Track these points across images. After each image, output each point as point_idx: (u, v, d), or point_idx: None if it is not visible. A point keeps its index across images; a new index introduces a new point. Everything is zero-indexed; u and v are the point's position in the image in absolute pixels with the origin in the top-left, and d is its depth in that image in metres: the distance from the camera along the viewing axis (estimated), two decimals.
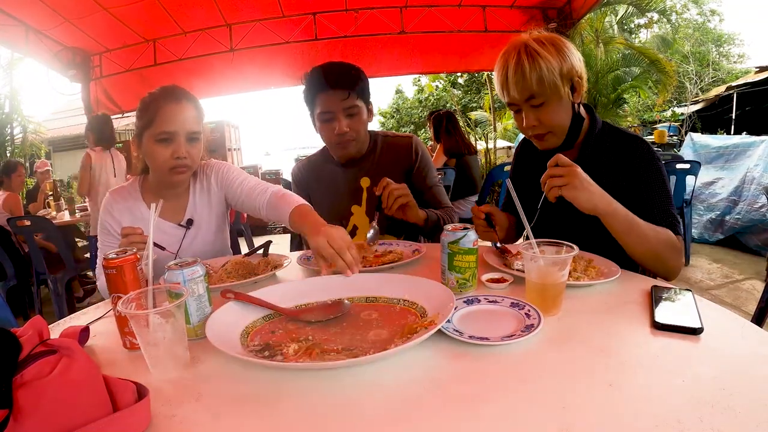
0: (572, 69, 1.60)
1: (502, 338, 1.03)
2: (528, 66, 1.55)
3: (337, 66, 2.12)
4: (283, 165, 13.92)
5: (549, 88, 1.57)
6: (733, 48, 29.03)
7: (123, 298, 1.04)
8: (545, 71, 1.55)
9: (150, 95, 1.83)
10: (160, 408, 0.87)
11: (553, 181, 1.40)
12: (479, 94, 22.42)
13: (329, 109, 2.08)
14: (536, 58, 1.56)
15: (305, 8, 6.68)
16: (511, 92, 1.62)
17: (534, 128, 1.67)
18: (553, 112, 1.63)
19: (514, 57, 1.59)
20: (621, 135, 1.73)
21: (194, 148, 1.83)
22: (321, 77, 2.07)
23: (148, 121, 1.78)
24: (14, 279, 4.78)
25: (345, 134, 2.11)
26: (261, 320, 1.22)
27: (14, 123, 13.92)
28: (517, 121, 1.73)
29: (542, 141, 1.72)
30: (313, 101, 2.13)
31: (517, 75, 1.58)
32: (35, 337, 0.81)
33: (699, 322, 1.05)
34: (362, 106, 2.13)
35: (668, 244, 1.50)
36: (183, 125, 1.78)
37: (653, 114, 18.94)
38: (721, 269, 5.24)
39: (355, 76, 2.10)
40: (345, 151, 2.20)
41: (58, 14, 5.67)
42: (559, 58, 1.57)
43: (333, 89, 2.05)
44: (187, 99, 1.82)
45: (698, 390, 0.82)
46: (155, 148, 1.79)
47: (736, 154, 6.21)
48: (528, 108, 1.64)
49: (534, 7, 6.86)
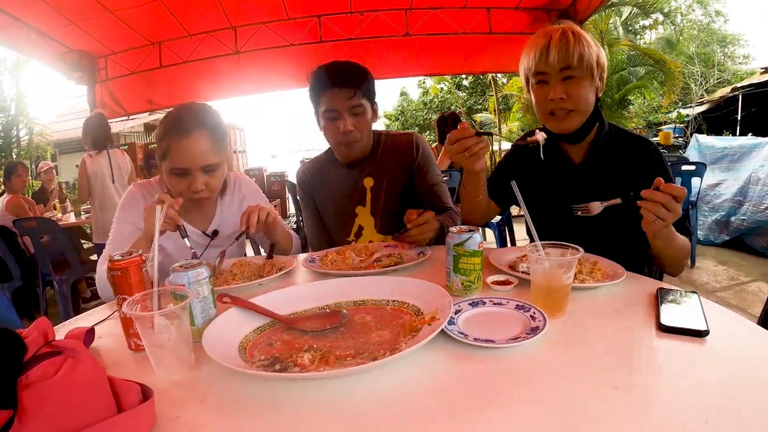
0: (604, 63, 1.69)
1: (507, 341, 1.03)
2: (572, 40, 1.61)
3: (343, 65, 2.12)
4: (289, 167, 13.95)
5: (586, 67, 1.62)
6: (738, 49, 29.02)
7: (128, 299, 1.04)
8: (586, 51, 1.62)
9: (165, 122, 1.78)
10: (164, 409, 0.87)
11: (659, 210, 1.30)
12: (484, 96, 22.46)
13: (334, 107, 2.08)
14: (580, 37, 1.63)
15: (310, 11, 6.70)
16: (549, 58, 1.63)
17: (560, 101, 1.66)
18: (583, 88, 1.65)
19: (558, 31, 1.64)
20: (628, 137, 1.75)
21: (213, 178, 1.81)
22: (326, 75, 2.07)
23: (162, 153, 1.76)
24: (20, 280, 4.79)
25: (350, 133, 2.10)
26: (252, 334, 1.18)
27: (20, 125, 14.03)
28: (538, 96, 1.73)
29: (562, 119, 1.70)
30: (319, 99, 2.13)
31: (561, 44, 1.61)
32: (40, 338, 0.82)
33: (705, 324, 1.04)
34: (367, 106, 2.12)
35: (685, 251, 1.58)
36: (195, 161, 1.74)
37: (658, 115, 18.92)
38: (727, 271, 5.22)
39: (360, 75, 2.09)
40: (349, 151, 2.19)
41: (63, 17, 5.70)
42: (596, 48, 1.66)
43: (338, 87, 2.05)
44: (200, 128, 1.74)
45: (704, 393, 0.82)
46: (172, 180, 1.80)
47: (741, 155, 6.20)
48: (558, 80, 1.65)
49: (539, 8, 6.86)
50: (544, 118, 1.77)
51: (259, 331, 1.19)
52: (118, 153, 5.42)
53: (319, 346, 1.08)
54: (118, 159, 5.35)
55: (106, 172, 5.20)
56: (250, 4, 6.28)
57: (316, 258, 1.84)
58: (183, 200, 1.76)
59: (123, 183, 5.31)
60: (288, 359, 1.02)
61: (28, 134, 14.31)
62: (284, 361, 1.01)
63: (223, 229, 2.01)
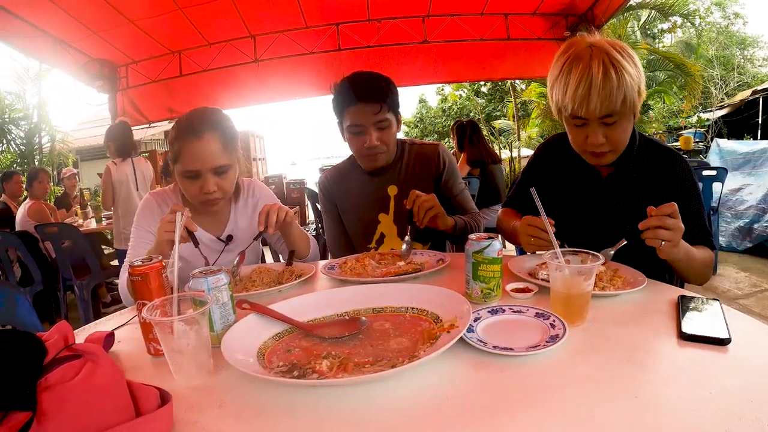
0: (643, 86, 1.51)
1: (527, 349, 1.02)
2: (616, 82, 1.43)
3: (368, 77, 2.11)
4: (309, 174, 14.01)
5: (629, 106, 1.48)
6: (757, 51, 28.63)
7: (148, 304, 1.05)
8: (629, 88, 1.44)
9: (176, 126, 1.80)
10: (182, 414, 0.88)
11: (660, 234, 1.29)
12: (503, 103, 22.42)
13: (360, 122, 2.07)
14: (621, 72, 1.43)
15: (328, 19, 6.76)
16: (591, 107, 1.47)
17: (600, 146, 1.56)
18: (624, 130, 1.55)
19: (599, 69, 1.43)
20: (658, 148, 1.69)
21: (224, 180, 1.82)
22: (351, 89, 2.05)
23: (174, 156, 1.78)
24: (41, 284, 4.85)
25: (375, 147, 2.11)
26: (271, 340, 1.18)
27: (42, 132, 14.27)
28: (576, 135, 1.62)
29: (600, 158, 1.63)
30: (342, 113, 2.12)
31: (605, 91, 1.43)
32: (60, 342, 0.82)
33: (727, 332, 1.03)
34: (392, 119, 2.12)
35: (708, 264, 1.55)
36: (206, 163, 1.75)
37: (678, 120, 18.73)
38: (749, 278, 5.14)
39: (385, 88, 2.08)
40: (374, 163, 2.20)
41: (85, 26, 5.81)
42: (636, 70, 1.47)
43: (364, 103, 2.04)
44: (210, 130, 1.76)
45: (726, 402, 0.80)
46: (184, 183, 1.82)
47: (763, 160, 6.10)
48: (598, 124, 1.53)
49: (556, 14, 6.84)
50: (580, 152, 1.68)
51: (278, 338, 1.20)
52: (141, 161, 5.47)
53: (337, 353, 1.08)
54: (142, 167, 5.40)
55: (130, 180, 5.24)
56: (269, 12, 6.34)
57: (335, 265, 1.84)
58: (197, 204, 1.85)
59: (147, 190, 5.34)
60: (306, 366, 1.02)
61: (50, 141, 14.56)
62: (303, 368, 1.01)
63: (238, 234, 2.01)
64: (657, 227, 1.29)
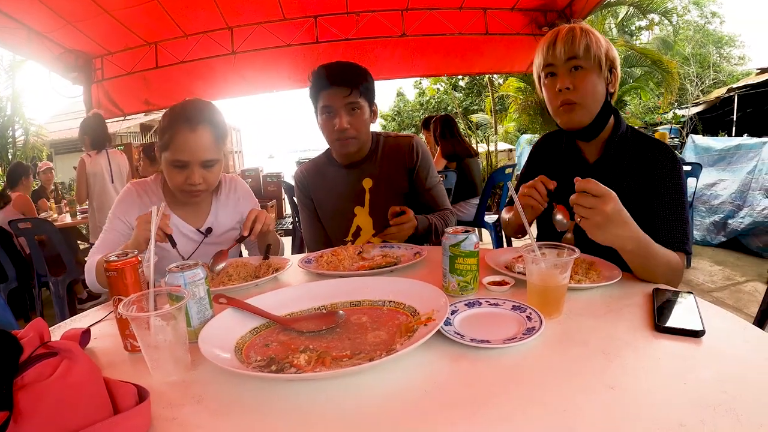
0: (615, 58, 1.68)
1: (504, 341, 1.03)
2: (579, 34, 1.62)
3: (343, 64, 2.14)
4: (286, 168, 13.92)
5: (593, 58, 1.62)
6: (733, 50, 29.08)
7: (124, 300, 1.04)
8: (593, 44, 1.61)
9: (170, 114, 1.82)
10: (161, 411, 0.87)
11: (577, 210, 1.29)
12: (480, 97, 22.53)
13: (330, 104, 2.09)
14: (587, 32, 1.63)
15: (306, 11, 6.70)
16: (556, 49, 1.63)
17: (566, 92, 1.65)
18: (590, 81, 1.63)
19: (566, 27, 1.66)
20: (645, 139, 1.71)
21: (210, 173, 1.85)
22: (325, 74, 2.08)
23: (165, 144, 1.79)
24: (15, 281, 4.77)
25: (345, 131, 2.11)
26: (249, 335, 1.17)
27: (16, 125, 13.99)
28: (548, 90, 1.72)
29: (569, 113, 1.67)
30: (317, 97, 2.13)
31: (567, 36, 1.62)
32: (36, 339, 0.81)
33: (701, 324, 1.05)
34: (364, 105, 2.13)
35: (672, 270, 1.45)
36: (196, 155, 1.78)
37: (654, 116, 18.96)
38: (723, 271, 5.24)
39: (359, 75, 2.11)
40: (346, 149, 2.19)
41: (60, 17, 5.69)
42: (605, 42, 1.66)
43: (336, 86, 2.06)
44: (204, 123, 1.79)
45: (700, 393, 0.82)
46: (170, 171, 1.83)
47: (738, 156, 6.21)
48: (566, 71, 1.65)
49: (535, 9, 6.88)
50: (554, 113, 1.75)
51: (256, 332, 1.19)
52: (116, 153, 5.39)
53: (315, 347, 1.08)
54: (118, 159, 5.33)
55: (105, 173, 5.17)
56: (247, 4, 6.28)
57: (312, 259, 1.84)
58: (179, 193, 1.89)
59: (122, 183, 5.27)
60: (284, 360, 1.02)
61: (24, 134, 14.28)
62: (280, 362, 1.01)
63: (217, 228, 2.03)
64: (576, 203, 1.28)
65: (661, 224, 1.54)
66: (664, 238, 1.48)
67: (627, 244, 1.33)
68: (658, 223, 1.54)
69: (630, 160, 1.68)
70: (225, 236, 2.06)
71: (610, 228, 1.27)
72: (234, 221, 2.09)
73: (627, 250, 1.35)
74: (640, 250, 1.35)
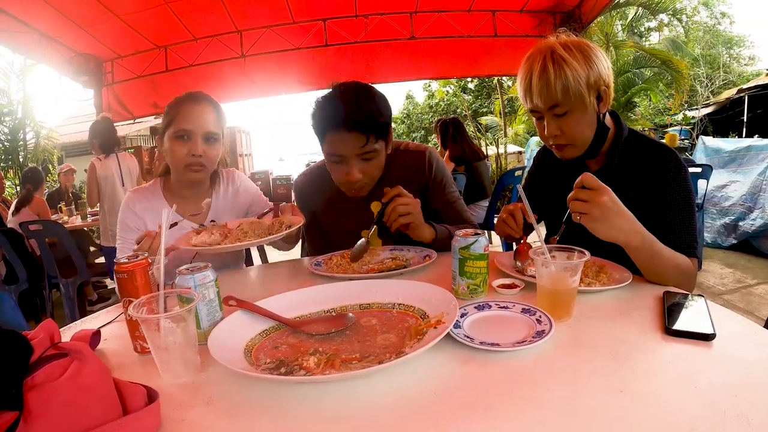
0: (599, 78, 1.53)
1: (513, 344, 1.03)
2: (553, 73, 1.49)
3: (354, 99, 1.74)
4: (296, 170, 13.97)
5: (574, 97, 1.51)
6: (743, 50, 28.89)
7: (134, 302, 1.04)
8: (571, 80, 1.48)
9: (174, 100, 1.94)
10: (170, 412, 0.88)
11: (574, 206, 1.31)
12: (489, 99, 22.49)
13: (341, 153, 1.78)
14: (562, 65, 1.49)
15: (315, 14, 6.73)
16: (534, 100, 1.56)
17: (555, 138, 1.62)
18: (576, 122, 1.57)
19: (539, 63, 1.52)
20: (649, 144, 1.66)
21: (211, 149, 1.91)
22: (333, 115, 1.74)
23: (170, 120, 1.88)
24: (26, 282, 4.81)
25: (357, 181, 1.84)
26: (258, 337, 1.18)
27: (27, 128, 14.10)
28: (538, 128, 1.69)
29: (561, 151, 1.67)
30: (323, 137, 1.81)
31: (542, 82, 1.51)
32: (46, 340, 0.82)
33: (711, 328, 1.04)
34: (381, 147, 1.83)
35: (683, 273, 1.43)
36: (200, 125, 1.87)
37: (664, 117, 18.87)
38: (734, 274, 5.19)
39: (375, 112, 1.75)
40: (357, 194, 1.94)
41: (70, 21, 5.74)
42: (586, 66, 1.51)
43: (348, 132, 1.73)
44: (208, 102, 1.93)
45: (711, 397, 0.81)
46: (173, 145, 1.88)
47: (748, 158, 6.16)
48: (551, 116, 1.58)
49: (544, 11, 6.86)
50: (547, 146, 1.76)
51: (265, 335, 1.19)
52: (126, 156, 5.40)
53: (324, 350, 1.08)
54: (127, 162, 5.33)
55: (116, 175, 5.18)
56: (256, 8, 6.31)
57: (322, 261, 1.84)
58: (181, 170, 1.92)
59: (133, 185, 5.26)
60: (294, 362, 1.02)
61: (35, 137, 14.40)
62: (290, 365, 1.01)
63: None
64: (573, 198, 1.30)
65: (669, 231, 1.50)
66: (674, 245, 1.44)
67: (631, 238, 1.32)
68: (666, 230, 1.49)
69: (634, 168, 1.65)
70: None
71: (610, 218, 1.28)
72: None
73: (633, 246, 1.34)
74: (645, 246, 1.34)
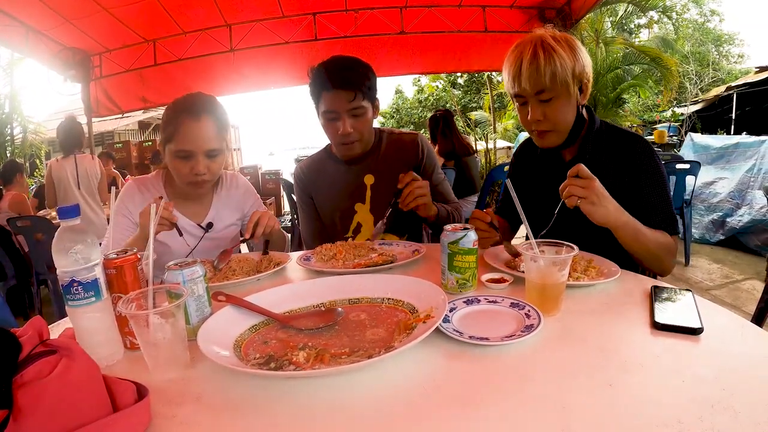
0: (583, 71, 1.63)
1: (502, 338, 1.03)
2: (543, 60, 1.56)
3: (345, 63, 2.08)
4: (285, 165, 13.93)
5: (560, 84, 1.59)
6: (732, 48, 29.14)
7: (123, 298, 1.04)
8: (559, 68, 1.57)
9: (173, 107, 1.86)
10: (160, 408, 0.87)
11: (573, 190, 1.40)
12: (479, 95, 22.51)
13: (334, 108, 2.04)
14: (551, 53, 1.57)
15: (305, 8, 6.69)
16: (522, 83, 1.61)
17: (538, 123, 1.67)
18: (560, 109, 1.64)
19: (530, 49, 1.59)
20: (619, 133, 1.75)
21: (214, 163, 1.89)
22: (326, 76, 2.02)
23: (169, 135, 1.83)
24: (14, 279, 4.76)
25: (349, 135, 2.08)
26: (247, 332, 1.18)
27: (14, 123, 13.97)
28: (521, 114, 1.73)
29: (543, 138, 1.73)
30: (319, 98, 2.08)
31: (532, 67, 1.58)
32: (35, 337, 0.81)
33: (699, 322, 1.05)
34: (368, 107, 2.09)
35: (665, 247, 1.57)
36: (201, 144, 1.82)
37: (653, 114, 18.96)
38: (721, 269, 5.24)
39: (362, 75, 2.05)
40: (350, 152, 2.18)
41: (58, 14, 5.68)
42: (572, 57, 1.60)
43: (339, 89, 2.00)
44: (208, 113, 1.84)
45: (698, 390, 0.82)
46: (175, 162, 1.86)
47: (736, 155, 6.21)
48: (536, 102, 1.64)
49: (534, 7, 6.87)
50: (530, 134, 1.81)
51: (254, 330, 1.19)
52: (86, 158, 5.28)
53: (314, 344, 1.08)
54: (86, 164, 5.21)
55: (71, 178, 5.06)
56: (245, 1, 6.27)
57: (311, 256, 1.84)
58: (184, 185, 1.92)
59: (90, 190, 5.20)
60: (283, 357, 1.02)
61: (22, 132, 14.27)
62: (279, 360, 1.01)
63: (218, 223, 2.06)
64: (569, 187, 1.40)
65: (649, 212, 1.59)
66: (654, 224, 1.56)
67: (618, 216, 1.44)
68: (646, 211, 1.58)
69: (607, 156, 1.71)
70: (225, 231, 2.09)
71: (604, 203, 1.40)
72: (234, 217, 2.13)
73: (621, 223, 1.45)
74: (629, 224, 1.46)
